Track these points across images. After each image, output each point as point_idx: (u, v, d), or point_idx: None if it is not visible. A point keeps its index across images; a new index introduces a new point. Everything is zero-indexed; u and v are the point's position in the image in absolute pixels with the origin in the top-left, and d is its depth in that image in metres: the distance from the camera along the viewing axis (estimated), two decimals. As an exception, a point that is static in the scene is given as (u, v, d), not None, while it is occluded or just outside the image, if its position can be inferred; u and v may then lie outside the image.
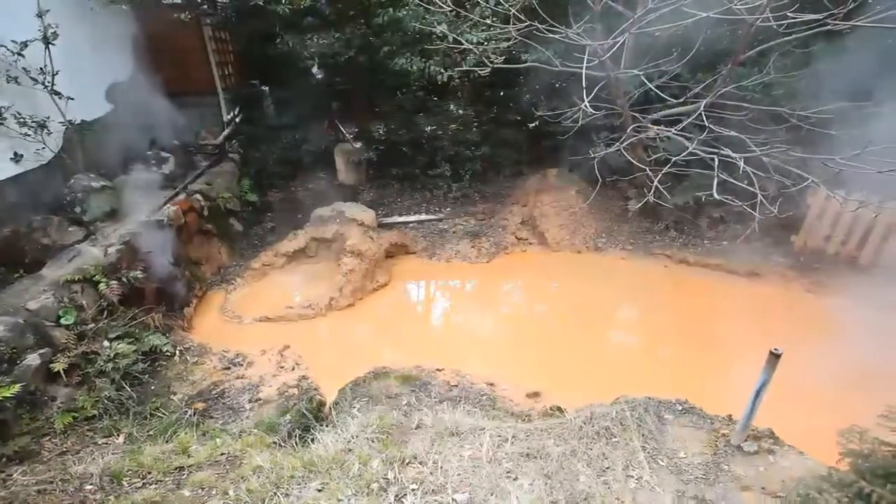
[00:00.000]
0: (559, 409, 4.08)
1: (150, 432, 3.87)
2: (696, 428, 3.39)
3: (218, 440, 3.56)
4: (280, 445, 3.56)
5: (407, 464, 2.96)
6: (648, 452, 3.09)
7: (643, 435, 3.22)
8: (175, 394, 4.56)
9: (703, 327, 5.96)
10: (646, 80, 5.50)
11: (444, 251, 7.88)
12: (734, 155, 4.69)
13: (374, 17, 8.12)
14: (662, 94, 5.91)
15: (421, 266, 7.71)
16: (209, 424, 4.10)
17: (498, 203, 9.05)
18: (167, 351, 5.00)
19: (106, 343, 4.50)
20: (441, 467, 2.90)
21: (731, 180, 4.94)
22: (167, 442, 3.60)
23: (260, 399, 4.54)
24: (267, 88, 10.86)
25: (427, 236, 8.30)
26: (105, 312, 4.76)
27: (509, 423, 3.47)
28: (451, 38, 6.70)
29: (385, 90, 9.43)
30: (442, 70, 7.59)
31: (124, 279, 5.07)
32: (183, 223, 6.48)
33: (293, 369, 5.11)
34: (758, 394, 2.92)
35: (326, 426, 3.82)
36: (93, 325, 4.52)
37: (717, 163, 4.86)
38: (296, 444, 3.59)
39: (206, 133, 8.98)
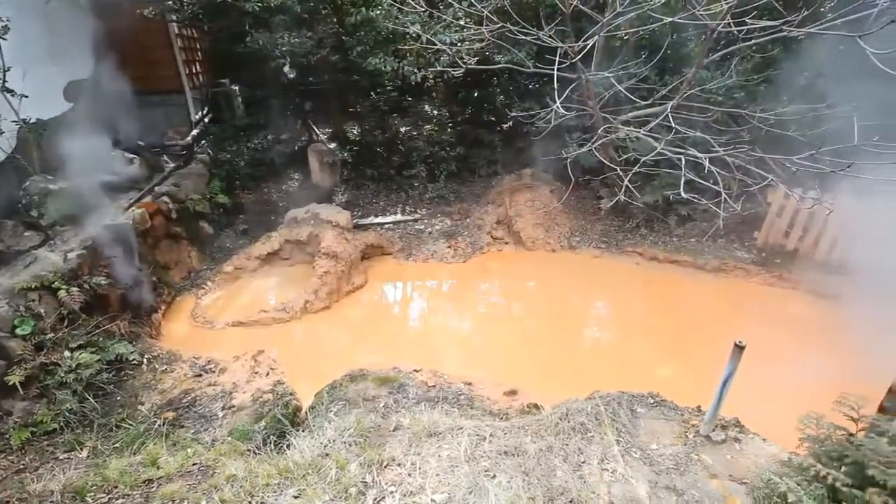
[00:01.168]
0: (536, 406, 4.13)
1: (116, 445, 3.72)
2: (668, 420, 3.49)
3: (189, 450, 3.45)
4: (255, 453, 3.49)
5: (385, 466, 2.95)
6: (622, 445, 3.16)
7: (617, 429, 3.30)
8: (143, 404, 4.40)
9: (672, 322, 6.15)
10: (615, 82, 5.64)
11: (421, 252, 7.87)
12: (699, 155, 4.87)
13: (347, 17, 8.04)
14: (632, 96, 6.07)
15: (397, 267, 7.68)
16: (180, 434, 3.97)
17: (473, 203, 9.10)
18: (134, 359, 4.81)
19: (67, 353, 4.29)
20: (419, 468, 2.90)
21: (698, 179, 5.12)
22: (134, 454, 3.47)
23: (233, 406, 4.42)
24: (237, 88, 10.60)
25: (403, 237, 8.27)
26: (65, 321, 4.54)
27: (487, 422, 3.49)
28: (424, 39, 6.70)
29: (359, 90, 9.34)
30: (416, 70, 7.58)
31: (86, 286, 4.85)
32: (149, 226, 6.26)
33: (268, 374, 5.00)
34: (724, 385, 3.04)
35: (303, 431, 3.76)
36: (52, 334, 4.31)
37: (683, 162, 5.03)
38: (271, 451, 3.52)
39: (174, 133, 8.70)
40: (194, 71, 9.82)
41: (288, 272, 7.34)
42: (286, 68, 9.86)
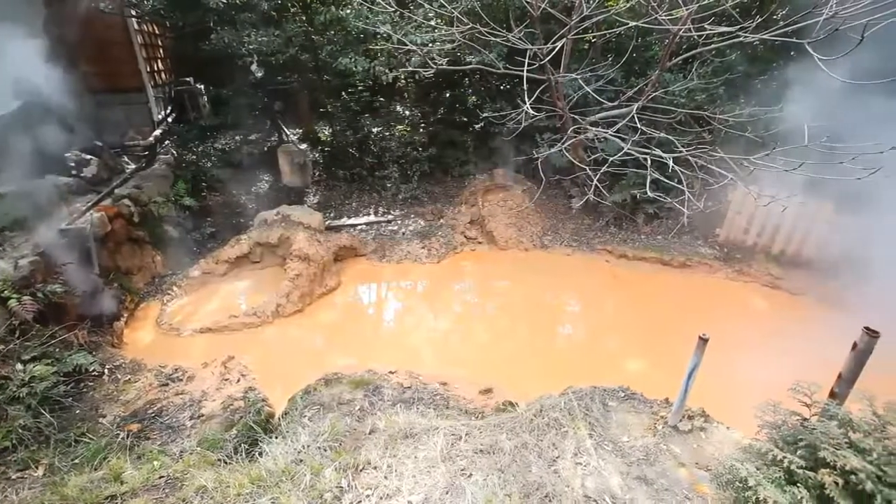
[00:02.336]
0: (511, 403, 4.18)
1: (76, 461, 3.55)
2: (638, 412, 3.60)
3: (156, 462, 3.32)
4: (226, 462, 3.38)
5: (361, 470, 2.92)
6: (595, 439, 3.24)
7: (590, 423, 3.37)
8: (104, 416, 4.20)
9: (642, 317, 6.34)
10: (583, 84, 5.77)
11: (395, 252, 7.84)
12: (664, 155, 5.03)
13: (316, 15, 7.92)
14: (599, 98, 6.22)
15: (371, 268, 7.62)
16: (145, 446, 3.82)
17: (447, 203, 9.12)
18: (94, 370, 4.60)
19: (19, 366, 4.06)
20: (396, 471, 2.89)
21: (663, 179, 5.30)
22: (96, 470, 3.31)
23: (202, 415, 4.28)
24: (202, 86, 10.27)
25: (377, 238, 8.21)
26: (17, 332, 4.30)
27: (463, 421, 3.51)
28: (395, 39, 6.67)
29: (330, 90, 9.23)
30: (387, 70, 7.54)
31: (39, 294, 4.60)
32: (109, 230, 5.99)
33: (238, 381, 4.87)
34: (689, 376, 3.16)
35: (276, 438, 3.68)
36: (2, 346, 4.07)
37: (649, 162, 5.18)
38: (243, 459, 3.43)
39: (135, 133, 8.35)
40: (156, 69, 9.47)
41: (258, 276, 7.17)
42: (254, 67, 9.62)
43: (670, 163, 4.94)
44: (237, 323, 5.95)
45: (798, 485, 1.78)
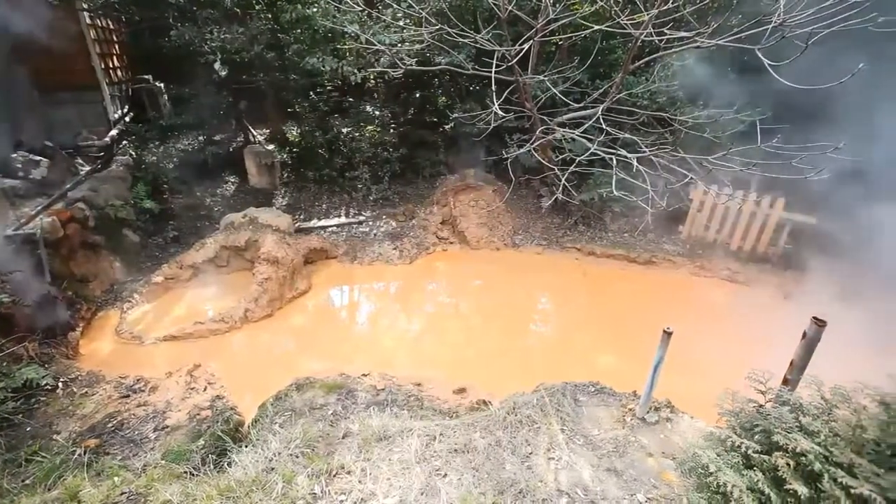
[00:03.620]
0: (485, 402, 4.22)
1: (27, 481, 3.35)
2: (608, 406, 3.69)
3: (116, 478, 3.17)
4: (192, 474, 3.27)
5: (335, 475, 2.88)
6: (567, 434, 3.31)
7: (562, 418, 3.44)
8: (59, 433, 3.98)
9: (610, 312, 6.52)
10: (550, 86, 5.88)
11: (366, 254, 7.76)
12: (628, 155, 5.19)
13: (282, 13, 7.75)
14: (566, 99, 6.35)
15: (342, 270, 7.52)
16: (105, 462, 3.64)
17: (418, 204, 9.11)
18: (47, 384, 4.35)
19: (-37, 382, 3.80)
20: (370, 474, 2.86)
21: (628, 178, 5.46)
22: (49, 490, 3.13)
23: (167, 427, 4.12)
24: (162, 85, 9.89)
25: (348, 240, 8.11)
26: (-41, 346, 4.02)
27: (437, 422, 3.52)
28: (363, 39, 6.61)
29: (297, 89, 9.05)
30: (355, 70, 7.46)
31: (-16, 305, 4.33)
32: (62, 236, 5.68)
33: (205, 389, 4.71)
34: (655, 369, 3.27)
35: (246, 447, 3.57)
36: (-57, 362, 3.80)
37: (615, 162, 5.34)
38: (210, 470, 3.32)
39: (89, 133, 7.95)
40: (112, 65, 9.04)
41: (225, 280, 6.95)
42: (217, 65, 9.33)
43: (634, 163, 5.11)
44: (203, 330, 5.75)
45: (755, 468, 1.87)
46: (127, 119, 9.25)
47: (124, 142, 8.46)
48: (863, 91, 4.97)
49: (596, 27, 5.35)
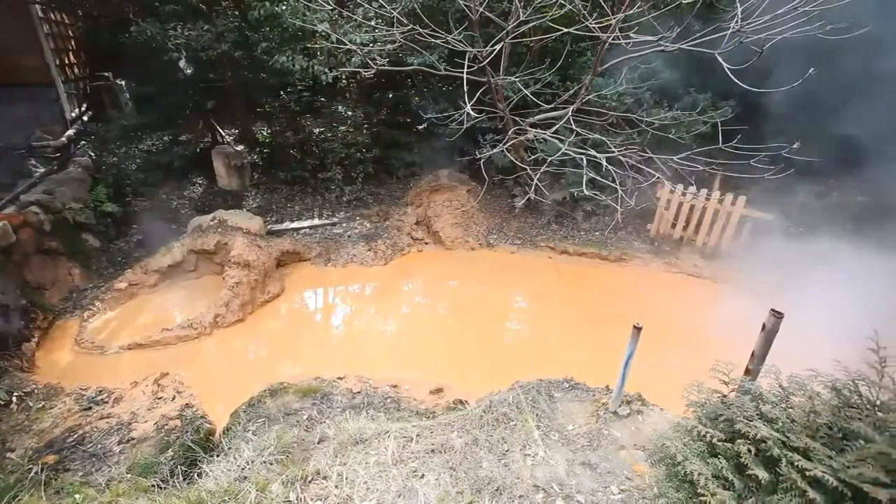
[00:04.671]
0: (461, 401, 4.23)
1: (-21, 502, 3.16)
2: (581, 401, 3.78)
3: (77, 496, 3.03)
4: (161, 487, 3.16)
5: (310, 481, 2.84)
6: (542, 430, 3.36)
7: (537, 415, 3.49)
8: (13, 450, 3.77)
9: (583, 309, 6.65)
10: (522, 87, 5.96)
11: (340, 256, 7.67)
12: (598, 155, 5.32)
13: (250, 10, 7.56)
14: (537, 100, 6.45)
15: (316, 273, 7.40)
16: (65, 479, 3.47)
17: (392, 205, 9.07)
18: (0, 399, 4.11)
19: None
20: (346, 478, 2.83)
21: (598, 178, 5.60)
22: (5, 510, 2.97)
23: (133, 439, 3.97)
24: (123, 82, 9.50)
25: (321, 242, 7.99)
26: None
27: (414, 423, 3.51)
28: (334, 38, 6.53)
29: (267, 89, 8.85)
30: (326, 70, 7.36)
31: (-72, 316, 4.06)
32: (14, 241, 5.38)
33: (174, 399, 4.55)
34: (626, 364, 3.36)
35: (217, 456, 3.48)
36: None
37: (585, 162, 5.46)
38: (180, 482, 3.21)
39: (44, 133, 7.55)
40: (68, 61, 8.63)
41: (194, 285, 6.75)
42: (182, 63, 9.03)
43: (604, 162, 5.23)
44: (171, 337, 5.57)
45: (719, 456, 1.95)
46: (85, 118, 8.84)
47: (82, 142, 8.08)
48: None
49: (565, 30, 5.45)
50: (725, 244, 7.57)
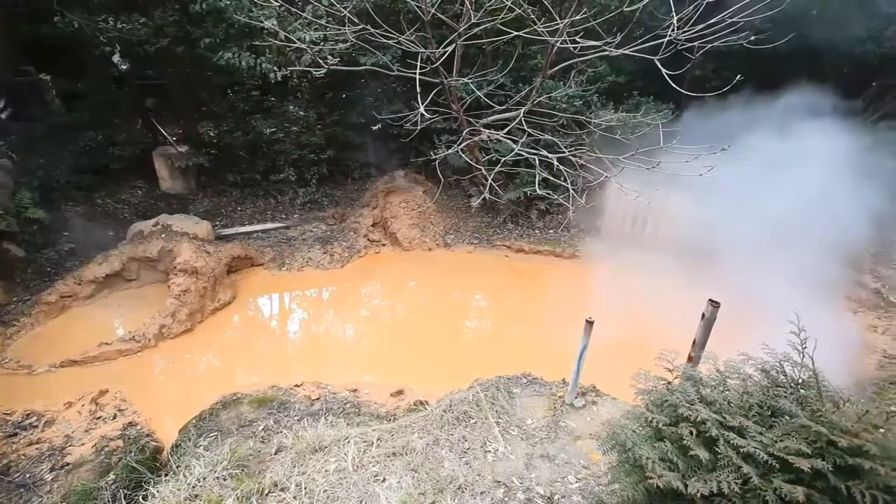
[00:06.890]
0: (422, 402, 4.24)
1: None
2: (539, 395, 3.88)
3: (4, 529, 2.78)
4: (101, 513, 2.95)
5: (267, 494, 2.75)
6: (502, 426, 3.43)
7: (497, 411, 3.56)
8: (-74, 485, 3.40)
9: (539, 305, 6.83)
10: (475, 88, 6.03)
11: (295, 260, 7.46)
12: (550, 155, 5.47)
13: (191, 4, 7.18)
14: (490, 102, 6.55)
15: (270, 278, 7.16)
16: (-11, 512, 3.17)
17: (348, 207, 8.93)
18: None
19: None
20: (305, 488, 2.76)
21: (550, 177, 5.76)
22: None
23: (67, 464, 3.68)
24: (49, 78, 8.75)
25: (274, 246, 7.73)
26: None
27: (374, 426, 3.48)
28: (282, 36, 6.33)
29: (213, 87, 8.45)
30: (275, 68, 7.11)
31: None
32: (-79, 254, 4.84)
33: (115, 418, 4.27)
34: (580, 357, 3.49)
35: (165, 476, 3.29)
36: None
37: (537, 162, 5.60)
38: (123, 506, 3.02)
39: (-47, 133, 6.83)
40: (-19, 55, 7.84)
41: (135, 295, 6.34)
42: (116, 58, 8.45)
43: (555, 162, 5.39)
44: (111, 351, 5.20)
45: (665, 440, 2.07)
46: (4, 116, 8.08)
47: (1, 143, 7.37)
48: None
49: (515, 33, 5.57)
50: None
